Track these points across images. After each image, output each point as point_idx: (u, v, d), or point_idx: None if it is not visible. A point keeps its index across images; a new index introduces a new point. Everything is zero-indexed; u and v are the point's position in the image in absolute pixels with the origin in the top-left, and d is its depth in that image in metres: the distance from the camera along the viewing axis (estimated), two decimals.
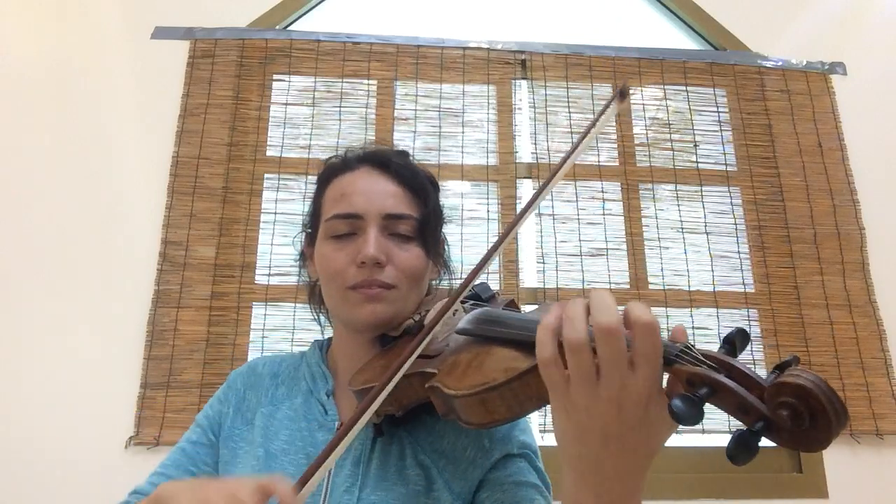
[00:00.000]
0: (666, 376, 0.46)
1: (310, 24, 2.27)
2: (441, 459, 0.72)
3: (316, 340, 0.89)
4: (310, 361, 0.84)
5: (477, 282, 0.71)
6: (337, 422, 0.76)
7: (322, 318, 0.88)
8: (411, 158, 0.85)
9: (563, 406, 0.46)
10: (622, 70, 2.19)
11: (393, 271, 0.74)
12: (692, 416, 0.40)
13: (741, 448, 0.40)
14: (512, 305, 0.74)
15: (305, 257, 0.86)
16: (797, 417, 0.39)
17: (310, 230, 0.84)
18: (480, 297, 0.76)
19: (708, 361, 0.43)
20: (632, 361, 0.43)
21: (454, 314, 0.68)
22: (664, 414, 0.43)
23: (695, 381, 0.43)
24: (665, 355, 0.44)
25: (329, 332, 0.90)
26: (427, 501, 0.69)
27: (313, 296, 0.87)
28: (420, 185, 0.80)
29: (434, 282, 0.86)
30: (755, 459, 0.40)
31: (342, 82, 2.12)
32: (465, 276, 0.66)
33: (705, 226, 2.06)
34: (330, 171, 0.82)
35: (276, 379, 0.84)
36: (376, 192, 0.77)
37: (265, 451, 0.74)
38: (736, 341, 0.45)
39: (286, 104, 2.09)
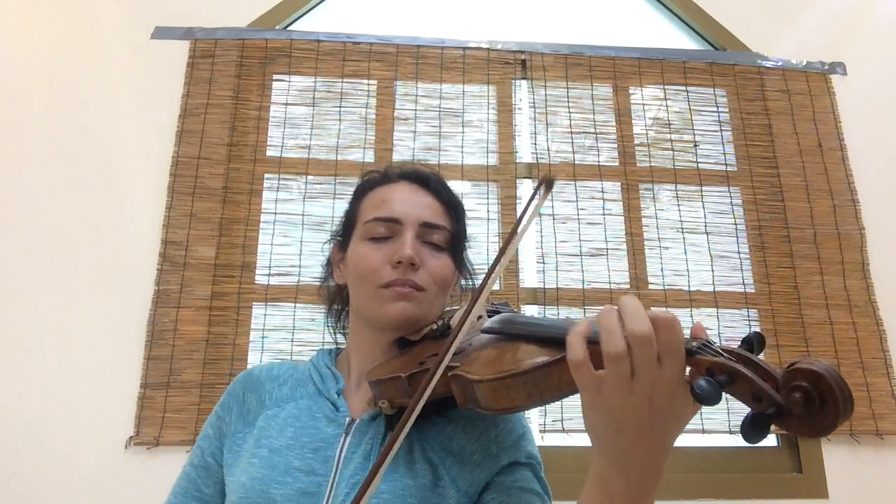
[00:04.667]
0: (687, 369, 0.50)
1: (310, 24, 2.27)
2: (448, 458, 0.75)
3: (322, 349, 0.92)
4: (318, 364, 0.86)
5: (500, 303, 0.79)
6: (347, 417, 0.77)
7: (335, 329, 0.92)
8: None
9: (596, 404, 0.51)
10: (622, 70, 2.19)
11: (425, 275, 0.79)
12: (713, 397, 0.44)
13: (755, 426, 0.44)
14: None
15: (332, 264, 0.90)
16: (808, 401, 0.43)
17: (340, 238, 0.88)
18: (501, 311, 0.80)
19: (726, 354, 0.48)
20: (659, 357, 0.48)
21: (479, 319, 0.72)
22: (687, 400, 0.49)
23: (714, 370, 0.47)
24: (687, 348, 0.49)
25: (330, 339, 0.93)
26: (432, 496, 0.71)
27: (333, 304, 0.91)
28: (455, 202, 0.87)
29: (453, 297, 0.90)
30: (755, 459, 0.42)
31: (342, 82, 2.12)
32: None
33: (705, 226, 2.06)
34: (369, 183, 0.88)
35: (277, 381, 0.85)
36: (415, 202, 0.82)
37: (269, 449, 0.75)
38: (753, 341, 0.49)
39: (286, 104, 2.09)
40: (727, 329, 1.96)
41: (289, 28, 2.25)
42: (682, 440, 1.84)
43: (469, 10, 2.34)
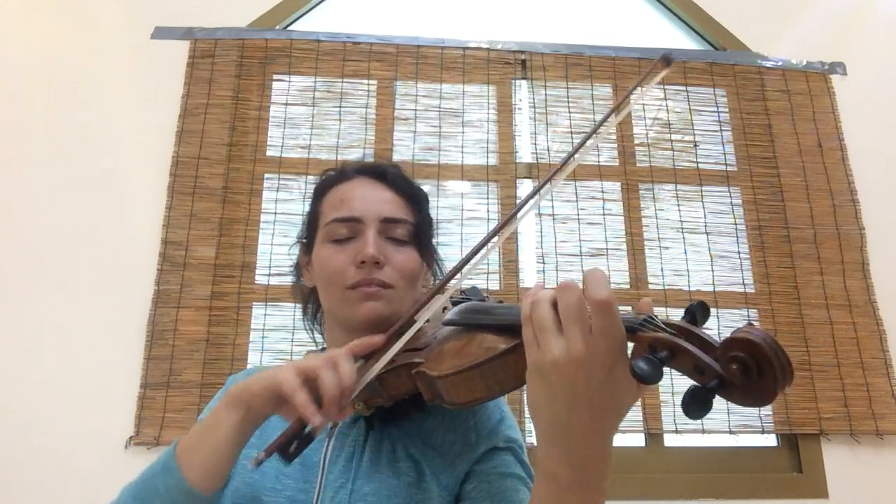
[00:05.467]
0: (631, 345, 0.49)
1: (310, 24, 2.27)
2: (430, 453, 0.75)
3: (310, 351, 0.92)
4: None
5: (468, 286, 0.76)
6: (329, 422, 0.77)
7: (315, 331, 0.92)
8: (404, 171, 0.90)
9: (537, 367, 0.50)
10: (622, 70, 2.19)
11: (391, 271, 0.78)
12: (652, 375, 0.43)
13: (696, 401, 0.43)
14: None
15: (301, 267, 0.89)
16: (746, 371, 0.42)
17: (305, 240, 0.87)
18: (471, 300, 0.78)
19: (667, 328, 0.47)
20: (591, 329, 0.47)
21: (444, 311, 0.71)
22: (628, 377, 0.47)
23: (656, 346, 0.46)
24: (629, 325, 0.48)
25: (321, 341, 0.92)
26: (417, 493, 0.72)
27: (307, 308, 0.91)
28: (414, 193, 0.85)
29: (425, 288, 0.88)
30: (755, 459, 0.41)
31: (342, 82, 2.12)
32: (458, 276, 0.68)
33: (705, 226, 2.06)
34: (327, 182, 0.87)
35: None
36: (374, 198, 0.81)
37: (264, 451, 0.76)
38: (696, 312, 0.48)
39: (286, 104, 2.09)
40: (727, 329, 1.96)
41: (289, 28, 2.25)
42: (682, 440, 1.84)
43: (469, 10, 2.34)
